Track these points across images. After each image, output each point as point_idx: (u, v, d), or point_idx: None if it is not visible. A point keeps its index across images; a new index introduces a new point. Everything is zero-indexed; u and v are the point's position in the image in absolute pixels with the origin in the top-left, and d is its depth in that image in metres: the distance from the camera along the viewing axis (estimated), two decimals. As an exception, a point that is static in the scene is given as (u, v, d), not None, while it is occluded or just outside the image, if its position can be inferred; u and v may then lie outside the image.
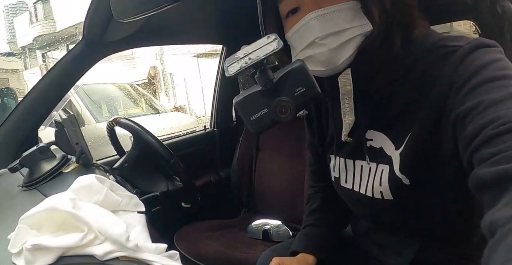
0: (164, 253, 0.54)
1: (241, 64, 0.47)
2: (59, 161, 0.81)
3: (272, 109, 0.49)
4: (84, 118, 4.83)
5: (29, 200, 0.71)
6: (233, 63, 0.48)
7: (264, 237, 1.53)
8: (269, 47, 0.47)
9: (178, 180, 1.27)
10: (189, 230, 1.58)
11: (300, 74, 0.49)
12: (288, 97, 0.49)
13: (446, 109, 0.56)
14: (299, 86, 0.49)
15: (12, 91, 3.23)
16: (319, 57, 0.64)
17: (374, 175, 0.71)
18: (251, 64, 0.47)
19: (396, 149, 0.66)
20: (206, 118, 8.44)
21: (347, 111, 0.69)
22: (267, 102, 0.49)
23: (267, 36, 0.49)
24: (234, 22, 1.56)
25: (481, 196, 0.43)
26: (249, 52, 0.48)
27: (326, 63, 0.64)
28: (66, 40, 15.67)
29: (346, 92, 0.67)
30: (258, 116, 0.50)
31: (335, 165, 0.80)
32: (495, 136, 0.44)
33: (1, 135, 1.11)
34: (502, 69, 0.52)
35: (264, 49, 0.47)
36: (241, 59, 0.48)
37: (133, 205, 0.63)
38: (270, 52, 0.46)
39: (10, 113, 1.15)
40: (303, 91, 0.48)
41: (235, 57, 0.49)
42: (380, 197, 0.70)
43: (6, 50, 17.54)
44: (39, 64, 16.96)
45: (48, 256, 0.45)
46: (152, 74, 12.91)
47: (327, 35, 0.62)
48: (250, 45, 0.48)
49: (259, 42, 0.49)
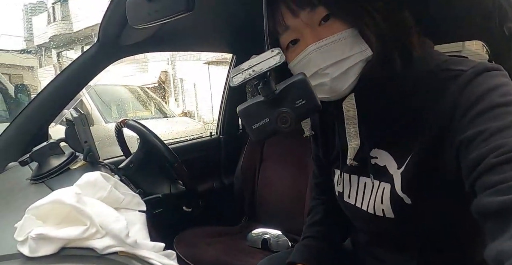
0: (161, 252, 0.56)
1: (245, 76, 0.49)
2: (67, 158, 0.83)
3: (274, 119, 0.51)
4: (93, 118, 4.88)
5: (36, 193, 0.73)
6: (237, 74, 0.50)
7: (263, 247, 1.54)
8: (271, 61, 0.49)
9: (181, 184, 1.28)
10: (189, 234, 1.59)
11: (301, 86, 0.51)
12: (289, 108, 0.51)
13: (449, 133, 0.57)
14: (300, 98, 0.50)
15: (26, 88, 3.28)
16: (323, 86, 0.65)
17: (376, 193, 0.71)
18: (254, 75, 0.49)
19: (398, 168, 0.67)
20: (213, 124, 8.47)
21: (352, 135, 0.69)
22: (269, 112, 0.51)
23: (271, 50, 0.51)
24: (244, 32, 1.59)
25: (484, 223, 0.44)
26: (253, 64, 0.50)
27: (330, 91, 0.65)
28: (82, 41, 15.94)
29: (350, 117, 0.68)
30: (260, 125, 0.52)
31: (339, 180, 0.81)
32: (498, 164, 0.45)
33: (13, 130, 1.14)
34: (506, 95, 0.53)
35: (267, 62, 0.49)
36: (245, 71, 0.50)
37: (135, 204, 0.65)
38: (272, 65, 0.49)
39: (23, 108, 1.19)
40: (303, 103, 0.50)
41: (240, 68, 0.51)
42: (381, 215, 0.70)
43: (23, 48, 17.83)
44: (53, 62, 17.22)
45: (51, 246, 0.47)
46: (162, 79, 13.03)
47: (329, 65, 0.63)
48: (256, 57, 0.51)
49: (263, 55, 0.51)
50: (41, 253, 0.46)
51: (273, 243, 1.53)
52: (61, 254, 0.47)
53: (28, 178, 0.79)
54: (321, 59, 0.63)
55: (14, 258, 0.47)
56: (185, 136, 4.69)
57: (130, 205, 0.64)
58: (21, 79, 10.39)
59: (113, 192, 0.61)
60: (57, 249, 0.47)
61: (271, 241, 1.53)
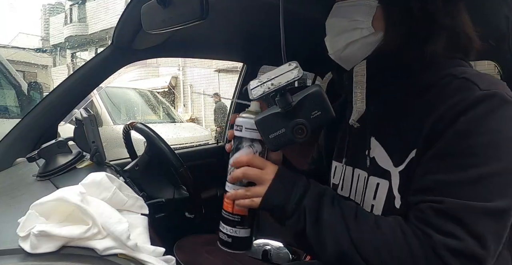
0: (161, 257, 0.55)
1: (264, 89, 0.51)
2: (74, 157, 0.84)
3: (290, 129, 0.52)
4: (102, 119, 4.92)
5: (41, 190, 0.73)
6: (256, 86, 0.52)
7: (264, 258, 1.51)
8: (290, 75, 0.51)
9: (184, 190, 1.28)
10: (190, 241, 1.57)
11: (316, 98, 0.52)
12: (305, 119, 0.52)
13: (427, 143, 0.60)
14: (315, 109, 0.52)
15: (39, 86, 3.32)
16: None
17: (369, 187, 0.71)
18: (273, 89, 0.51)
19: (395, 165, 0.66)
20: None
21: (359, 99, 0.70)
22: (285, 123, 0.53)
23: (289, 63, 0.53)
24: (256, 42, 1.60)
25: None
26: (272, 78, 0.52)
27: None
28: (96, 43, 16.16)
29: (358, 82, 0.69)
30: (276, 135, 0.54)
31: (335, 172, 0.83)
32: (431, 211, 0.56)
33: (24, 126, 1.15)
34: (490, 146, 0.55)
35: (285, 76, 0.51)
36: (264, 84, 0.52)
37: (137, 207, 0.65)
38: (291, 80, 0.51)
39: (34, 106, 1.20)
40: (318, 114, 0.52)
41: (258, 81, 0.53)
42: (369, 210, 0.70)
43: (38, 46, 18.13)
44: (67, 62, 17.47)
45: (52, 243, 0.47)
46: (173, 84, 13.12)
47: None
48: (273, 70, 0.52)
49: (281, 68, 0.52)
50: (42, 250, 0.47)
51: (274, 254, 1.51)
52: (61, 252, 0.47)
53: (35, 175, 0.80)
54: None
55: (15, 253, 0.47)
56: (191, 142, 4.70)
57: (133, 208, 0.64)
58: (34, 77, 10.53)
59: (117, 193, 0.61)
60: (58, 247, 0.48)
61: (272, 252, 1.51)
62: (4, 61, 3.32)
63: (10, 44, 15.36)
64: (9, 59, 5.38)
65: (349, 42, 0.69)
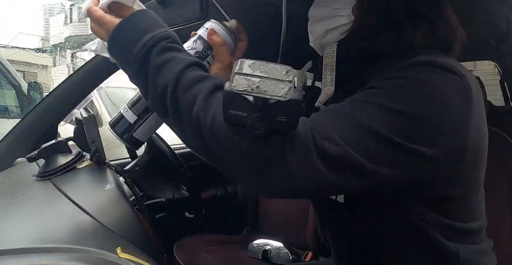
0: None
1: (246, 87, 0.46)
2: (74, 157, 0.84)
3: (251, 118, 0.47)
4: (102, 119, 4.91)
5: (41, 190, 0.73)
6: (242, 74, 0.47)
7: (264, 258, 1.51)
8: (280, 88, 0.46)
9: (184, 190, 1.28)
10: (189, 241, 1.58)
11: (292, 105, 0.47)
12: (268, 118, 0.47)
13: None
14: (283, 115, 0.47)
15: (39, 86, 3.32)
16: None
17: None
18: (255, 95, 0.46)
19: None
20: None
21: (328, 82, 0.69)
22: (249, 109, 0.48)
23: (287, 70, 0.47)
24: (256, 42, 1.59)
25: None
26: (262, 76, 0.46)
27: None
28: (96, 43, 16.14)
29: (328, 64, 0.68)
30: (235, 113, 0.48)
31: None
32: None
33: (24, 126, 1.15)
34: (402, 87, 0.54)
35: (275, 86, 0.46)
36: (250, 79, 0.46)
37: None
38: (278, 97, 0.45)
39: (34, 106, 1.20)
40: (283, 121, 0.47)
41: (248, 66, 0.47)
42: (334, 197, 0.70)
43: (38, 46, 18.14)
44: (67, 62, 17.48)
45: None
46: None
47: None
48: (269, 65, 0.47)
49: (277, 69, 0.47)
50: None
51: (274, 255, 1.51)
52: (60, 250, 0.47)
53: (35, 175, 0.80)
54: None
55: (15, 253, 0.47)
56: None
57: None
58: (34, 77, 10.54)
59: None
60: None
61: (272, 253, 1.51)
62: (4, 61, 3.32)
63: (10, 44, 15.37)
64: (9, 59, 5.36)
65: (328, 29, 0.69)
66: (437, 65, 0.56)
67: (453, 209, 0.63)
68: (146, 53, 0.57)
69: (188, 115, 0.54)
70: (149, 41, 0.57)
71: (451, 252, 0.62)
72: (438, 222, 0.62)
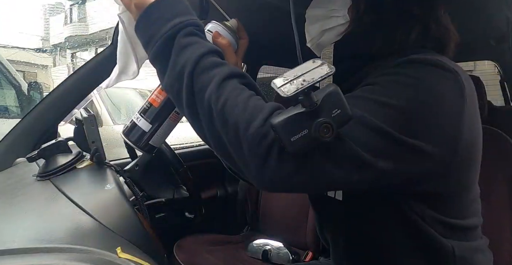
0: None
1: (297, 86, 0.48)
2: (74, 157, 0.83)
3: (314, 130, 0.49)
4: (102, 119, 4.91)
5: (41, 190, 0.73)
6: (285, 84, 0.49)
7: (264, 258, 1.52)
8: (321, 71, 0.49)
9: (184, 190, 1.28)
10: (189, 241, 1.58)
11: (335, 97, 0.50)
12: (328, 118, 0.49)
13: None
14: (335, 108, 0.50)
15: (39, 86, 3.32)
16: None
17: None
18: (307, 86, 0.48)
19: None
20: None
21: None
22: (308, 123, 0.49)
23: (313, 60, 0.51)
24: (256, 42, 1.59)
25: None
26: (299, 75, 0.49)
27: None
28: (96, 43, 16.17)
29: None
30: (298, 137, 0.50)
31: None
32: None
33: (24, 126, 1.15)
34: (395, 82, 0.56)
35: (316, 72, 0.49)
36: (293, 81, 0.49)
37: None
38: (325, 75, 0.48)
39: (34, 106, 1.20)
40: (339, 113, 0.50)
41: (284, 78, 0.50)
42: (332, 195, 0.71)
43: (38, 46, 18.15)
44: (67, 62, 17.49)
45: None
46: (173, 84, 13.09)
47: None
48: (295, 68, 0.50)
49: (305, 66, 0.50)
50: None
51: (274, 255, 1.51)
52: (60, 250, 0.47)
53: (35, 175, 0.80)
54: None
55: (15, 253, 0.47)
56: (191, 142, 4.69)
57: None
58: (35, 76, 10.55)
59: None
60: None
61: (272, 252, 1.52)
62: (4, 61, 3.32)
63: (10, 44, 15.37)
64: (9, 59, 5.36)
65: (325, 29, 0.70)
66: (430, 63, 0.58)
67: (446, 206, 0.64)
68: (174, 33, 0.59)
69: (200, 96, 0.56)
70: (179, 24, 0.59)
71: (447, 249, 0.64)
72: (434, 219, 0.63)
